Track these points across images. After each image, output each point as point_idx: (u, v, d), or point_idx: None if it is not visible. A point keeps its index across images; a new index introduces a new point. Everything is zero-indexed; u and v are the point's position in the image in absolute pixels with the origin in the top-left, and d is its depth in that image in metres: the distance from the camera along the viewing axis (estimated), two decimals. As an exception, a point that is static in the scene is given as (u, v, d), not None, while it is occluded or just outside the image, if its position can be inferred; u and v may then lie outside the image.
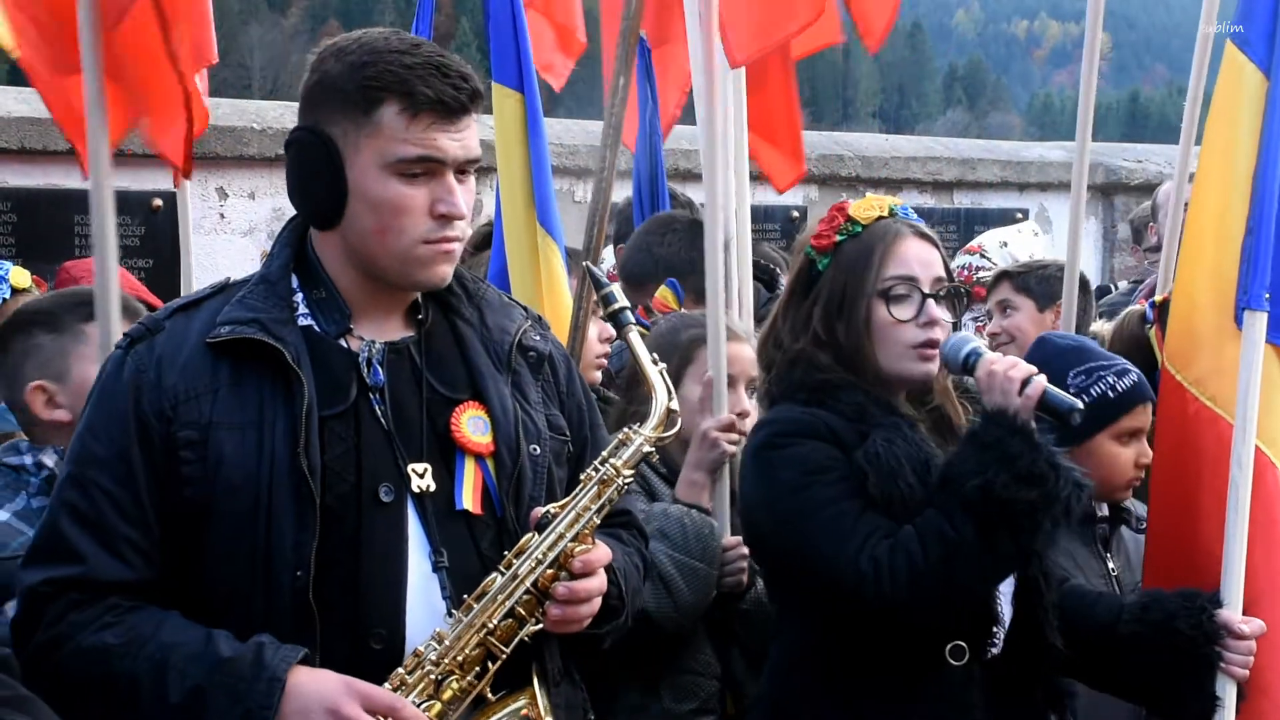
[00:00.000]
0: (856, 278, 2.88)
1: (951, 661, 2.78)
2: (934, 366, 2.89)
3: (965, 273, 5.59)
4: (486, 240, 3.98)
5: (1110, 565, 3.54)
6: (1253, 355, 3.11)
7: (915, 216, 2.99)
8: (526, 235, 3.86)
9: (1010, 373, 2.73)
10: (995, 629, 2.83)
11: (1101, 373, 3.52)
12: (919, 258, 2.90)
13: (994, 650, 2.84)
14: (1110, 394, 3.52)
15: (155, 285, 4.90)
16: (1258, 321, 3.12)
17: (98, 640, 2.30)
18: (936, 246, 2.96)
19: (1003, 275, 4.93)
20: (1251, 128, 3.19)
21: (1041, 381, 2.74)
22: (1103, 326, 4.69)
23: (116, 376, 2.41)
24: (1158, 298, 4.22)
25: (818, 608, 2.82)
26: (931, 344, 2.87)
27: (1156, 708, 3.13)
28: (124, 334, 2.48)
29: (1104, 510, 3.60)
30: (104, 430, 2.38)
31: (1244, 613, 3.07)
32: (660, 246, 4.27)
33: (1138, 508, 3.69)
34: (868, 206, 2.95)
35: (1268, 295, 3.12)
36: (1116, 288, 6.72)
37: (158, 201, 6.00)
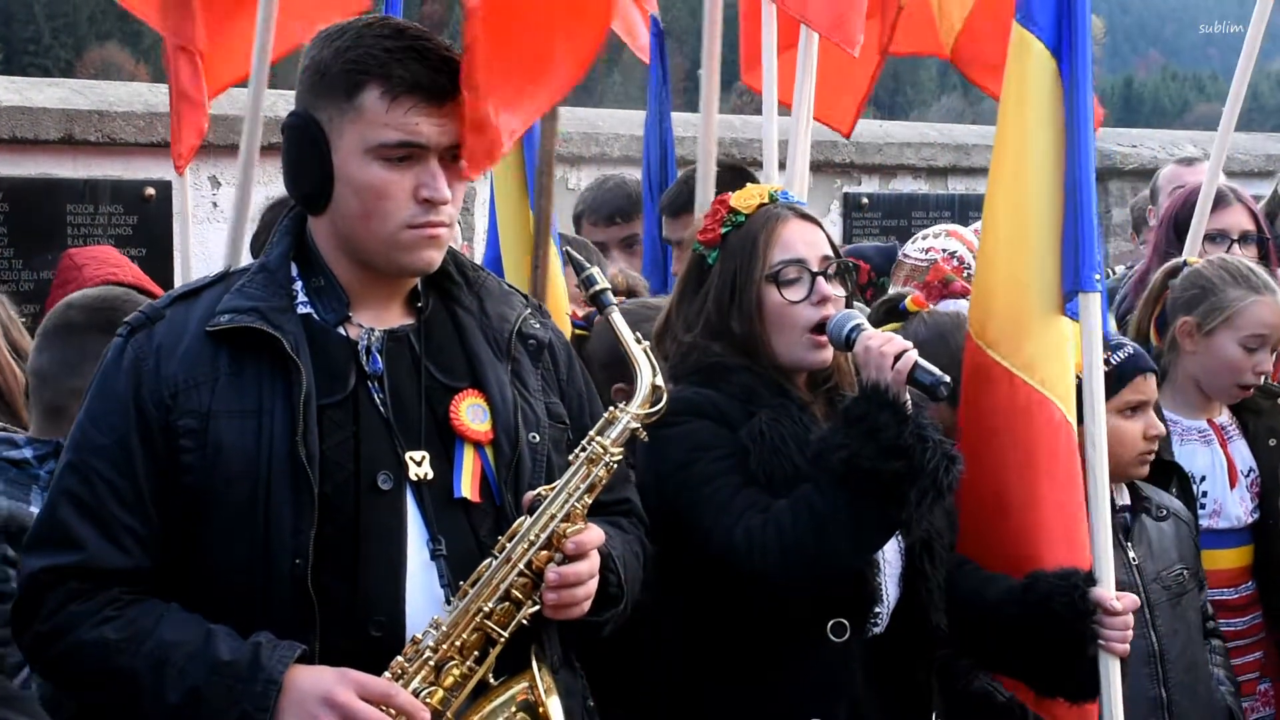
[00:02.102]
0: (745, 265, 2.94)
1: (832, 638, 2.82)
2: (828, 354, 2.95)
3: (955, 264, 5.49)
4: None
5: (1131, 554, 3.52)
6: (1092, 336, 3.13)
7: (796, 199, 3.06)
8: (520, 222, 3.86)
9: (884, 348, 2.79)
10: (876, 607, 2.87)
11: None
12: (804, 239, 2.96)
13: (877, 629, 2.88)
14: (1104, 368, 3.54)
15: (148, 274, 4.88)
16: (1092, 303, 3.14)
17: (98, 635, 2.31)
18: (820, 226, 3.02)
19: None
20: (1044, 108, 3.19)
21: (912, 356, 2.79)
22: None
23: (116, 365, 2.41)
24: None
25: (700, 582, 2.86)
26: (823, 326, 2.92)
27: (1045, 688, 3.13)
28: (124, 322, 2.48)
29: (1124, 498, 3.60)
30: (104, 418, 2.38)
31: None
32: (688, 182, 4.35)
33: (1159, 495, 3.69)
34: (748, 196, 3.02)
35: (1098, 276, 3.14)
36: (1114, 273, 6.70)
37: (150, 190, 5.99)
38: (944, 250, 5.21)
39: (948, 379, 2.81)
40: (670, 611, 2.97)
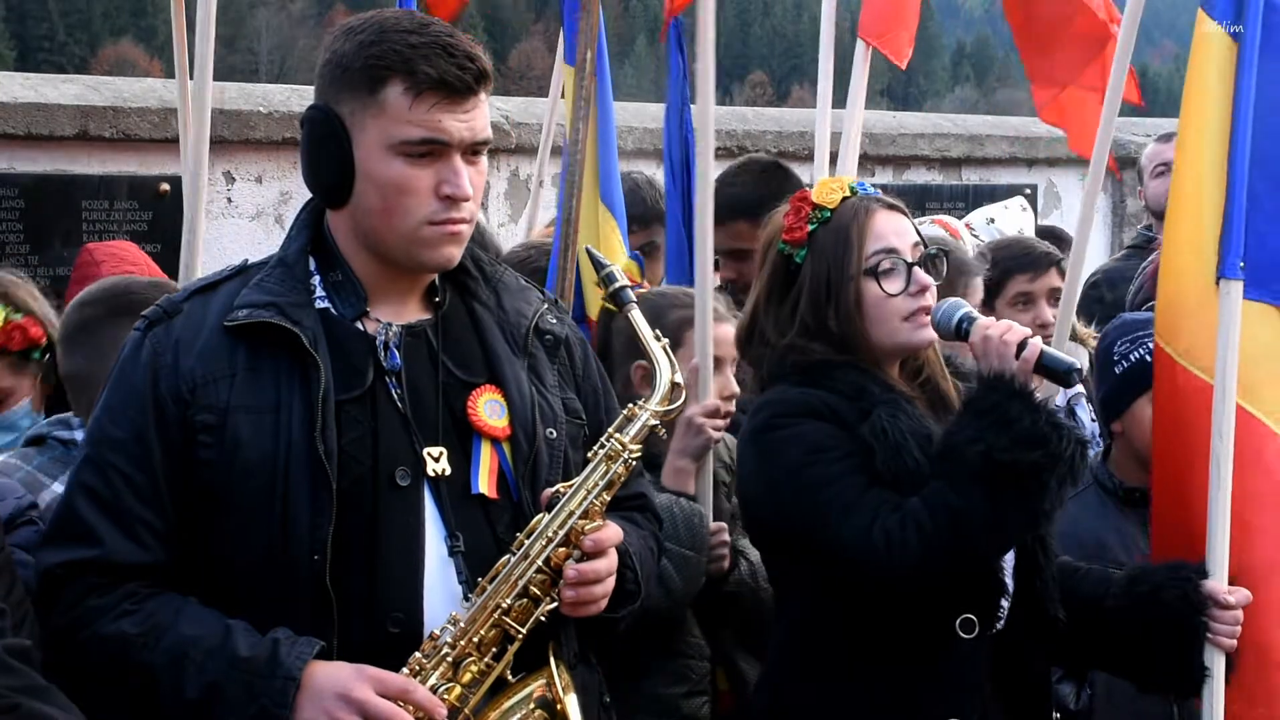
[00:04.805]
0: (839, 262, 2.88)
1: (962, 634, 2.78)
2: (931, 333, 2.90)
3: None
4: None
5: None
6: (1229, 324, 3.09)
7: (875, 190, 3.00)
8: (589, 212, 3.89)
9: (1006, 336, 2.75)
10: (1002, 600, 2.83)
11: (1145, 339, 3.50)
12: (894, 229, 2.92)
13: (1000, 624, 2.84)
14: (1149, 358, 3.51)
15: (163, 270, 4.89)
16: (1233, 290, 3.11)
17: (116, 629, 2.31)
18: (906, 215, 2.97)
19: (1054, 261, 4.63)
20: (1224, 95, 3.17)
21: (1038, 343, 2.75)
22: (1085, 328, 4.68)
23: (134, 359, 2.41)
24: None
25: (826, 586, 2.82)
26: (925, 311, 2.88)
27: (1146, 681, 3.11)
28: (141, 316, 2.48)
29: None
30: (121, 412, 2.39)
31: (1238, 580, 3.04)
32: (731, 185, 4.30)
33: None
34: (829, 190, 2.96)
35: (1242, 264, 3.10)
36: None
37: (165, 186, 5.99)
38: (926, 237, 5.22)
39: (1079, 364, 2.77)
40: (788, 616, 2.95)
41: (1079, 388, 4.49)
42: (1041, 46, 4.87)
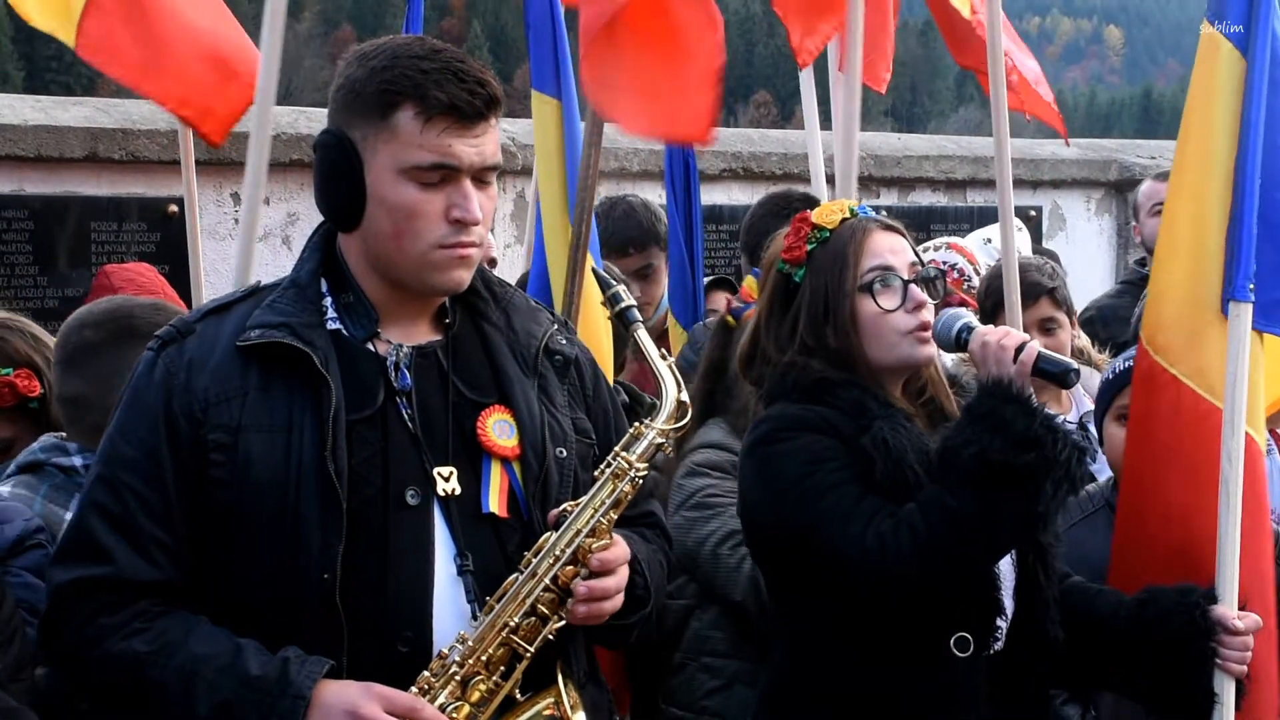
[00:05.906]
0: (835, 279, 2.92)
1: (956, 653, 2.78)
2: (933, 349, 2.93)
3: (954, 276, 5.44)
4: None
5: None
6: (1239, 346, 3.08)
7: (874, 213, 3.05)
8: (564, 241, 3.90)
9: (1003, 342, 2.78)
10: (999, 620, 2.83)
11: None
12: (890, 247, 2.95)
13: (997, 644, 2.85)
14: (1109, 375, 3.53)
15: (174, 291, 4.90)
16: (1243, 312, 3.09)
17: (127, 647, 2.33)
18: (903, 235, 3.01)
19: (1044, 291, 4.67)
20: (1231, 112, 3.15)
21: (1035, 347, 2.78)
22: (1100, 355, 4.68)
23: (147, 378, 2.44)
24: None
25: (823, 599, 2.83)
26: (925, 327, 2.91)
27: (1156, 705, 3.10)
28: (155, 336, 2.50)
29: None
30: (134, 431, 2.41)
31: (1239, 606, 3.04)
32: (776, 222, 4.35)
33: None
34: (829, 211, 3.01)
35: (1252, 286, 3.09)
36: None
37: (173, 208, 6.01)
38: (944, 263, 5.20)
39: (1076, 365, 2.81)
40: (789, 627, 2.96)
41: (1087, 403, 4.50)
42: None
